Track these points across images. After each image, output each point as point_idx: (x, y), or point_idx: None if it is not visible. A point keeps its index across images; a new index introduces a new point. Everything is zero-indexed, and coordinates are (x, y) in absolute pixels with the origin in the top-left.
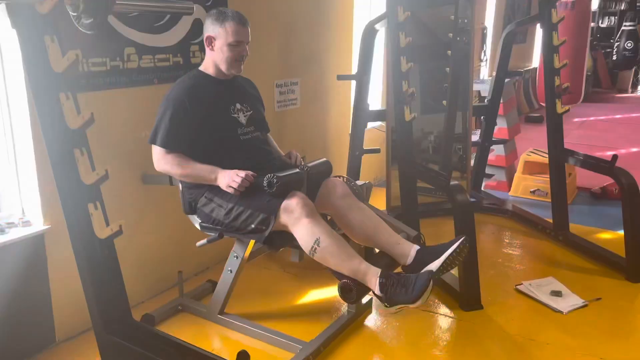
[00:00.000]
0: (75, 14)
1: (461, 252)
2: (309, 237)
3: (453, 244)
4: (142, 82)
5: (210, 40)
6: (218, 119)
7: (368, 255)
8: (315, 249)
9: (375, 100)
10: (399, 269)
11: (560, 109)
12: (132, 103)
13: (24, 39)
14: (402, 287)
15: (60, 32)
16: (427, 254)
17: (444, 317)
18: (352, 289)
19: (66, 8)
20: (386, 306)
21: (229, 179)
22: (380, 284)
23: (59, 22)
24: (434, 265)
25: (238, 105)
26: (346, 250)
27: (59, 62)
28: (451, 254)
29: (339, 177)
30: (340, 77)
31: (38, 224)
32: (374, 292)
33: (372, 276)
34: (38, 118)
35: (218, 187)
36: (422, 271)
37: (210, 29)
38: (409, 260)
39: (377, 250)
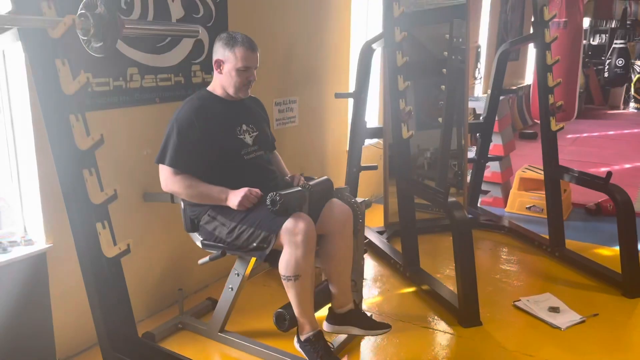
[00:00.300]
0: (85, 38)
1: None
2: (293, 268)
3: (378, 329)
4: (144, 102)
5: (219, 63)
6: (224, 140)
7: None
8: (290, 280)
9: (373, 117)
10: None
11: (554, 126)
12: (134, 122)
13: (36, 62)
14: (319, 356)
15: (69, 54)
16: (355, 317)
17: (443, 334)
18: (286, 319)
19: (76, 32)
20: (296, 346)
21: (242, 198)
22: (308, 338)
23: (69, 46)
24: (354, 331)
25: (244, 127)
26: (309, 298)
27: (69, 84)
28: (371, 336)
29: (345, 193)
30: (338, 95)
31: (40, 243)
32: (297, 336)
33: (309, 329)
34: (48, 139)
35: (221, 206)
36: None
37: (220, 52)
38: (340, 311)
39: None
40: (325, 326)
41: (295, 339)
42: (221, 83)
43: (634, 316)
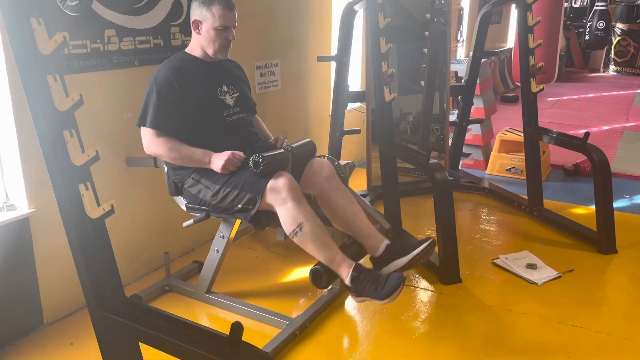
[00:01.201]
0: None
1: (427, 253)
2: (292, 220)
3: (421, 245)
4: (123, 65)
5: (197, 24)
6: (205, 101)
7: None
8: (297, 232)
9: (355, 81)
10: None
11: (534, 88)
12: (114, 85)
13: (10, 21)
14: (373, 284)
15: (45, 13)
16: (395, 251)
17: (425, 291)
18: (322, 275)
19: None
20: (352, 295)
21: (225, 161)
22: (352, 277)
23: (44, 4)
24: (400, 262)
25: (225, 87)
26: (325, 239)
27: (46, 44)
28: (419, 254)
29: (323, 157)
30: (320, 59)
31: (23, 208)
32: (343, 282)
33: (346, 267)
34: (27, 101)
35: (205, 169)
36: (396, 273)
37: (197, 12)
38: (378, 253)
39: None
40: None
41: (350, 294)
42: (200, 44)
43: (607, 271)
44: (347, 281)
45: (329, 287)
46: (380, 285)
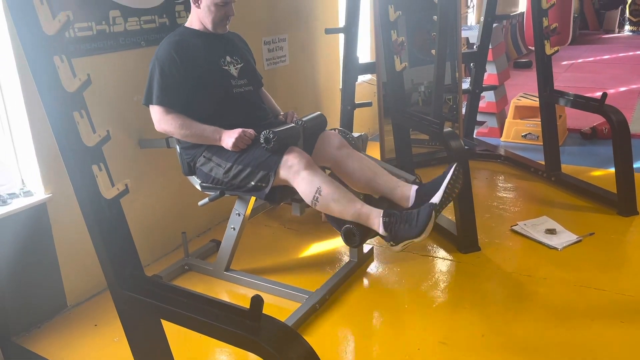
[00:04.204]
0: None
1: (458, 179)
2: (310, 187)
3: (448, 173)
4: (129, 46)
5: None
6: (210, 72)
7: (367, 201)
8: (317, 197)
9: (365, 53)
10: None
11: (549, 50)
12: (122, 67)
13: (14, 3)
14: (406, 222)
15: None
16: (426, 191)
17: (443, 260)
18: (354, 234)
19: None
20: (392, 245)
21: (236, 139)
22: (384, 223)
23: None
24: (435, 198)
25: (228, 58)
26: (347, 196)
27: (50, 24)
28: (449, 183)
29: (335, 129)
30: (328, 31)
31: (39, 193)
32: (378, 233)
33: (375, 217)
34: (35, 84)
35: (216, 146)
36: (425, 204)
37: None
38: (410, 202)
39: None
40: None
41: (386, 242)
42: (199, 17)
43: (629, 233)
44: (381, 230)
45: (365, 242)
46: (413, 221)
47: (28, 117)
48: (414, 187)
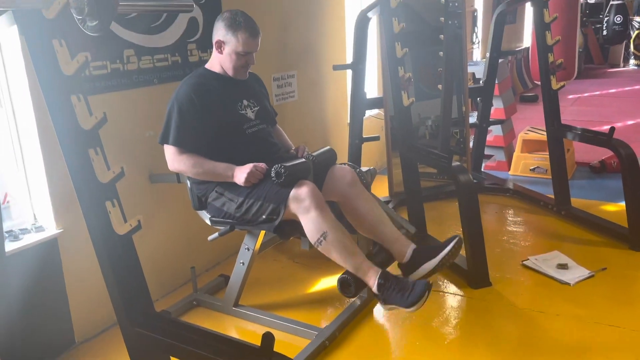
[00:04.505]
0: (80, 17)
1: (456, 251)
2: (317, 229)
3: (447, 245)
4: (143, 83)
5: (220, 44)
6: (226, 116)
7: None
8: (322, 241)
9: (372, 88)
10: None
11: (555, 85)
12: (135, 104)
13: (33, 44)
14: (399, 291)
15: (67, 36)
16: (422, 254)
17: (454, 296)
18: (350, 284)
19: (71, 12)
20: (380, 304)
21: (248, 174)
22: (379, 284)
23: (65, 26)
24: (430, 265)
25: (245, 102)
26: (350, 247)
27: (68, 64)
28: (447, 254)
29: (344, 164)
30: (336, 67)
31: (51, 229)
32: (371, 290)
33: (373, 275)
34: (52, 122)
35: (228, 182)
36: (421, 280)
37: (222, 33)
38: (406, 258)
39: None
40: None
41: (378, 302)
42: (220, 62)
43: None
44: (374, 289)
45: (358, 295)
46: (406, 292)
47: (42, 153)
48: (412, 247)
